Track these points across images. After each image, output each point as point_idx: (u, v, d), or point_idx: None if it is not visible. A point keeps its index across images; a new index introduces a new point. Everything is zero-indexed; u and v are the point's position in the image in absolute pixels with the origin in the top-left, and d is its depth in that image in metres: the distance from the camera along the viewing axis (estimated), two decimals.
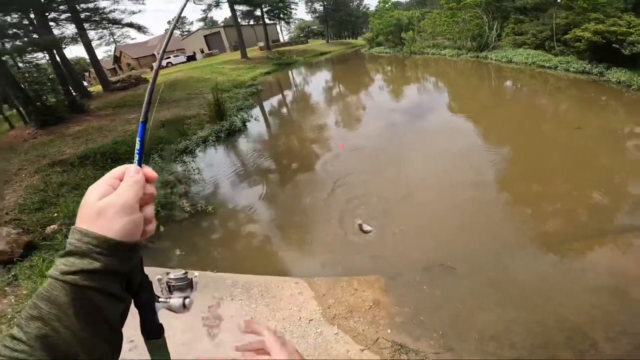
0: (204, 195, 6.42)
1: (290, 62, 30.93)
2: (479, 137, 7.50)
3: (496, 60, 17.58)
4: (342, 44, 47.94)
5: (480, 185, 5.23)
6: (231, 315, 3.18)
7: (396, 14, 29.57)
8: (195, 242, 4.93)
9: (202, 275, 3.74)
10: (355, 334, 2.96)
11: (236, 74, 22.90)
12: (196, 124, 10.84)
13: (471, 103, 11.36)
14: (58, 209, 5.77)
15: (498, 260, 3.78)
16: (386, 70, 22.35)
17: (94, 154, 7.82)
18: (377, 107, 11.73)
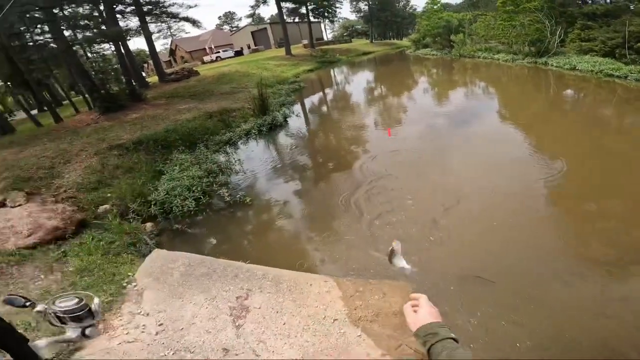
0: (243, 186, 6.66)
1: (333, 61, 31.01)
2: (531, 148, 6.92)
3: (557, 67, 16.25)
4: (386, 45, 47.10)
5: (527, 198, 4.88)
6: (257, 307, 3.28)
7: (445, 16, 28.48)
8: (231, 232, 5.14)
9: (234, 265, 3.90)
10: (378, 338, 2.91)
11: (280, 70, 23.45)
12: (240, 117, 11.28)
13: (525, 111, 10.55)
14: (111, 189, 6.25)
15: (541, 277, 3.53)
16: (432, 73, 21.60)
17: (147, 140, 8.43)
18: (419, 110, 11.37)
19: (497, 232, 4.34)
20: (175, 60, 48.67)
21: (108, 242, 4.56)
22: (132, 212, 5.54)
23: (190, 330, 3.01)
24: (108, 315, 3.24)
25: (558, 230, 4.28)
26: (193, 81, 18.94)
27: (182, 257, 4.01)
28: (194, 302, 3.34)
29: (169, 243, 4.86)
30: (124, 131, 9.37)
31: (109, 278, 3.74)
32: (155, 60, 20.84)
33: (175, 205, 5.60)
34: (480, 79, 17.33)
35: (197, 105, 12.64)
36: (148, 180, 6.60)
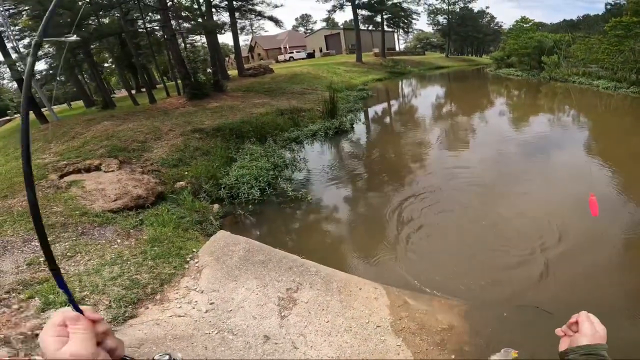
0: (306, 183, 6.87)
1: (403, 72, 30.44)
2: (618, 189, 6.04)
3: None
4: (463, 60, 44.77)
5: (601, 241, 4.34)
6: (305, 302, 3.39)
7: (538, 35, 26.10)
8: (289, 225, 5.37)
9: (289, 257, 4.06)
10: (417, 351, 2.85)
11: (349, 76, 23.70)
12: (308, 117, 11.69)
13: (618, 146, 9.07)
14: (189, 168, 6.89)
15: (606, 318, 3.08)
16: (512, 95, 19.94)
17: (225, 128, 9.20)
18: (489, 133, 10.51)
19: (564, 266, 3.89)
20: (253, 57, 51.96)
21: (179, 217, 4.95)
22: (204, 192, 6.05)
23: (238, 313, 3.17)
24: (167, 286, 3.49)
25: None
26: (268, 78, 20.06)
27: (243, 241, 4.29)
28: (246, 286, 3.53)
29: (231, 226, 5.21)
30: (206, 117, 10.33)
31: (175, 251, 4.02)
32: (237, 55, 22.51)
33: (243, 191, 6.00)
34: (570, 106, 15.46)
35: (270, 102, 13.39)
36: (221, 165, 7.18)
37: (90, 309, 0.54)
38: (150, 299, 3.31)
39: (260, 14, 21.98)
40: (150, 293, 3.37)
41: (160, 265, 3.76)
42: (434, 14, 46.09)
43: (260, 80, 18.93)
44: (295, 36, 53.73)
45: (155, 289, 3.43)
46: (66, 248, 4.08)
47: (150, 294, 3.35)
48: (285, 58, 42.19)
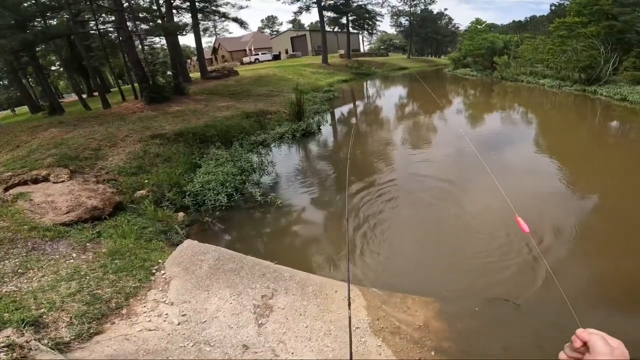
0: (275, 188, 6.75)
1: (368, 73, 31.11)
2: (564, 183, 6.56)
3: (607, 96, 15.33)
4: (424, 61, 46.67)
5: (558, 234, 4.63)
6: (282, 308, 3.28)
7: (491, 37, 27.80)
8: (260, 231, 5.21)
9: (262, 264, 3.93)
10: (397, 350, 2.88)
11: (315, 77, 23.81)
12: (275, 120, 11.52)
13: (564, 141, 9.96)
14: (149, 176, 6.52)
15: (566, 307, 3.31)
16: (468, 94, 21.08)
17: (187, 133, 8.79)
18: (449, 131, 11.08)
19: (521, 260, 4.12)
20: (216, 59, 50.71)
21: (141, 227, 4.69)
22: (167, 200, 5.73)
23: (213, 324, 3.03)
24: (133, 300, 3.28)
25: (588, 266, 4.07)
26: (232, 80, 19.61)
27: (213, 250, 4.09)
28: (219, 296, 3.38)
29: (199, 235, 4.98)
30: (166, 122, 9.82)
31: (139, 263, 3.80)
32: (200, 57, 21.79)
33: (209, 198, 5.76)
34: (520, 104, 16.65)
35: (235, 104, 13.05)
36: (185, 171, 6.85)
37: None
38: (116, 313, 3.11)
39: (225, 16, 21.47)
40: (115, 308, 3.15)
41: (124, 278, 3.53)
42: (397, 15, 47.82)
43: (224, 83, 18.45)
44: (260, 38, 53.16)
45: (120, 304, 3.21)
46: (16, 265, 3.73)
47: (115, 309, 3.14)
48: (250, 60, 41.62)
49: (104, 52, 14.02)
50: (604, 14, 17.51)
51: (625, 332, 3.19)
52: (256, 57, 41.94)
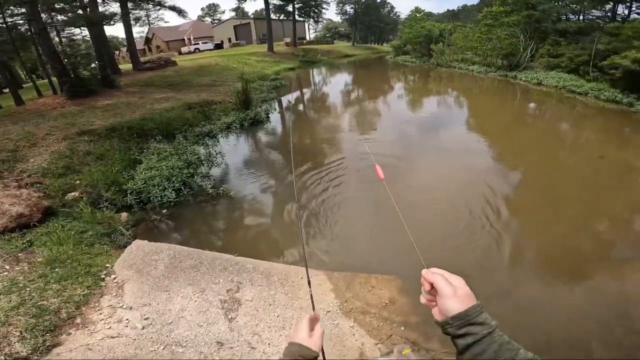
0: (226, 179, 6.47)
1: (314, 61, 31.00)
2: (493, 158, 7.35)
3: (525, 81, 17.20)
4: (368, 49, 47.84)
5: (490, 206, 5.16)
6: (250, 300, 3.17)
7: (428, 25, 29.34)
8: (215, 224, 4.95)
9: (222, 257, 3.75)
10: (370, 329, 2.98)
11: (261, 66, 23.10)
12: (221, 110, 10.95)
13: (491, 122, 11.17)
14: (81, 176, 5.82)
15: (508, 274, 3.81)
16: (408, 80, 22.19)
17: (121, 127, 7.94)
18: (392, 116, 11.72)
19: (464, 234, 4.53)
20: (150, 49, 46.59)
21: (79, 232, 4.22)
22: (105, 201, 5.18)
23: (180, 324, 2.86)
24: (85, 308, 2.99)
25: (518, 232, 4.58)
26: (170, 71, 18.18)
27: (166, 248, 3.79)
28: (181, 295, 3.17)
29: (148, 234, 4.59)
30: (95, 117, 8.77)
31: (83, 270, 3.45)
32: (131, 48, 19.78)
33: (154, 195, 5.32)
34: (453, 89, 18.02)
35: (175, 96, 12.13)
36: (123, 169, 6.23)
37: None
38: (70, 323, 2.84)
39: (160, 4, 19.63)
40: (66, 318, 2.87)
41: (69, 287, 3.20)
42: (342, 3, 48.08)
43: (161, 74, 17.02)
44: (200, 27, 49.82)
45: (71, 313, 2.92)
46: None
47: (67, 319, 2.87)
48: (190, 50, 38.86)
49: (13, 46, 11.98)
50: (524, 4, 19.34)
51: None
52: (196, 47, 39.27)
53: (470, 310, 0.64)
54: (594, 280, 3.75)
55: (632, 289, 3.56)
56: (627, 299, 3.42)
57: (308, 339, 0.87)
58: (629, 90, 12.02)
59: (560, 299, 3.45)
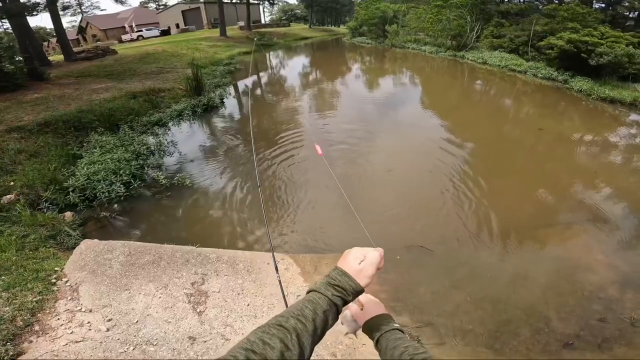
0: (180, 168, 6.15)
1: (270, 44, 30.00)
2: (445, 133, 7.80)
3: (472, 60, 18.12)
4: (325, 31, 47.23)
5: (446, 179, 5.48)
6: (217, 291, 3.08)
7: (382, 6, 29.49)
8: (172, 216, 4.70)
9: (183, 250, 3.58)
10: None
11: (213, 51, 21.89)
12: (170, 97, 10.26)
13: (442, 99, 11.80)
14: (15, 177, 5.23)
15: (466, 245, 4.06)
16: (365, 61, 22.37)
17: (55, 121, 7.14)
18: (350, 96, 11.83)
19: (421, 206, 4.77)
20: (85, 39, 42.09)
21: (21, 236, 3.83)
22: (45, 201, 4.70)
23: (147, 323, 2.72)
24: (41, 315, 2.77)
25: (472, 203, 4.90)
26: (109, 60, 16.58)
27: (120, 245, 3.53)
28: (143, 292, 2.99)
29: (97, 232, 4.27)
30: (24, 112, 7.79)
31: (31, 275, 3.16)
32: (61, 38, 17.65)
33: (100, 191, 4.90)
34: (407, 69, 18.55)
35: (117, 85, 11.13)
36: (61, 165, 5.66)
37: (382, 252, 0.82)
38: (28, 331, 2.66)
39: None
40: (23, 326, 2.68)
41: (19, 294, 2.95)
42: None
43: (99, 64, 15.46)
44: (143, 13, 45.70)
45: (27, 321, 2.72)
46: None
47: (24, 327, 2.67)
48: (132, 37, 35.65)
49: None
50: None
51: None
52: (139, 34, 36.10)
53: (376, 317, 0.90)
54: (543, 246, 4.10)
55: (574, 254, 3.93)
56: (574, 264, 3.77)
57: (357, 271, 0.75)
58: (564, 68, 13.16)
59: (513, 267, 3.74)
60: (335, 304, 0.68)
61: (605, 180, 5.59)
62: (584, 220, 4.53)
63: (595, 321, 3.08)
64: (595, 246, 4.07)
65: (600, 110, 9.95)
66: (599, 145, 7.35)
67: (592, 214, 4.66)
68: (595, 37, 12.12)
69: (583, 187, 5.44)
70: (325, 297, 0.68)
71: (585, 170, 6.02)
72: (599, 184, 5.50)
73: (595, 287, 3.45)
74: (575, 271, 3.67)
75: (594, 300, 3.32)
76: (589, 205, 4.85)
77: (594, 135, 7.92)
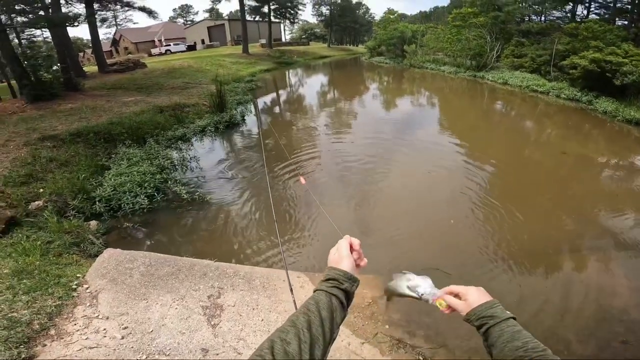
0: (201, 183, 6.29)
1: (290, 62, 30.93)
2: (464, 156, 7.66)
3: (492, 80, 17.99)
4: (343, 50, 48.33)
5: (466, 203, 5.40)
6: (232, 305, 3.10)
7: (401, 27, 29.99)
8: (192, 230, 4.80)
9: (201, 263, 3.64)
10: (355, 328, 3.00)
11: (236, 68, 22.75)
12: (194, 113, 10.65)
13: (461, 122, 11.65)
14: (45, 184, 5.48)
15: (486, 270, 3.97)
16: (383, 80, 22.60)
17: (87, 132, 7.53)
18: (367, 117, 11.89)
19: (438, 231, 4.75)
20: (118, 51, 44.68)
21: (46, 242, 3.98)
22: (72, 209, 4.90)
23: (161, 332, 2.76)
24: (59, 319, 2.84)
25: (492, 228, 4.81)
26: (139, 73, 17.50)
27: (141, 256, 3.63)
28: (160, 302, 3.05)
29: (120, 242, 4.39)
30: (58, 121, 8.28)
31: (53, 280, 3.26)
32: (96, 50, 18.85)
33: (125, 202, 5.09)
34: (426, 89, 18.59)
35: (145, 99, 11.69)
36: (90, 175, 5.92)
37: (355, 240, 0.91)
38: (44, 335, 2.71)
39: (129, 5, 18.76)
40: (39, 329, 2.73)
41: (40, 298, 3.04)
42: (318, 5, 48.18)
43: (130, 77, 16.36)
44: (172, 28, 48.34)
45: (44, 324, 2.78)
46: None
47: (40, 330, 2.73)
48: (160, 51, 37.61)
49: None
50: (491, 5, 20.21)
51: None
52: (167, 48, 38.07)
53: (484, 304, 0.83)
54: (564, 270, 3.99)
55: (598, 278, 3.82)
56: (596, 288, 3.65)
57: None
58: (588, 89, 12.77)
59: (532, 291, 3.64)
60: (333, 294, 0.75)
61: (628, 206, 5.41)
62: (607, 246, 4.42)
63: (617, 343, 3.02)
64: (618, 271, 3.97)
65: (626, 132, 9.63)
66: (625, 170, 7.08)
67: (615, 239, 4.54)
68: (619, 55, 11.79)
69: (606, 212, 5.29)
70: (322, 290, 0.76)
71: (609, 196, 5.84)
72: (622, 209, 5.33)
73: (617, 311, 3.37)
74: (597, 295, 3.58)
75: (616, 322, 3.24)
76: (612, 231, 4.71)
77: (619, 160, 7.64)
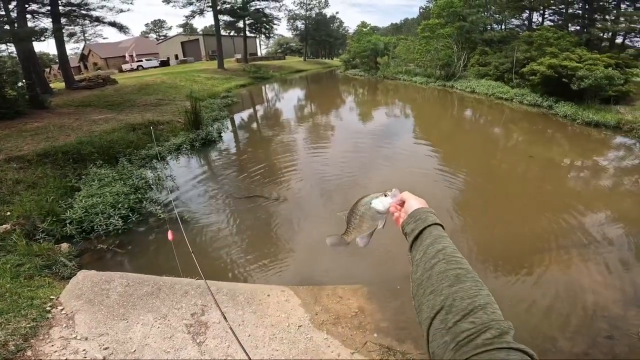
0: (178, 202, 6.14)
1: (266, 77, 31.10)
2: (438, 162, 8.02)
3: (461, 89, 18.90)
4: (319, 63, 49.24)
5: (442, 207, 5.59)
6: (217, 322, 3.03)
7: (374, 39, 30.98)
8: (170, 249, 4.63)
9: (182, 282, 3.55)
10: (344, 339, 3.00)
11: (211, 83, 22.61)
12: (169, 130, 10.44)
13: (434, 130, 12.19)
14: (12, 207, 5.20)
15: None
16: (358, 93, 23.17)
17: (55, 152, 7.21)
18: (345, 129, 12.15)
19: None
20: (87, 67, 43.28)
21: (15, 265, 3.83)
22: (42, 232, 4.67)
23: (145, 352, 2.68)
24: (35, 341, 2.75)
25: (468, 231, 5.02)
26: (110, 90, 17.00)
27: (118, 277, 3.49)
28: (142, 322, 2.95)
29: (95, 263, 4.22)
30: (24, 141, 7.87)
31: (26, 302, 3.16)
32: (64, 65, 18.17)
33: (98, 223, 4.89)
34: (400, 100, 19.26)
35: (116, 117, 11.34)
36: (59, 197, 5.67)
37: None
38: (20, 356, 2.64)
39: (99, 20, 18.25)
40: (16, 351, 2.66)
41: (13, 320, 2.95)
42: (293, 19, 49.02)
43: (99, 93, 15.84)
44: (144, 43, 47.40)
45: (20, 346, 2.70)
46: None
47: (16, 352, 2.66)
48: (132, 67, 36.68)
49: None
50: (457, 16, 21.27)
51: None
52: (139, 64, 37.25)
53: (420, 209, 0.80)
54: (541, 270, 4.15)
55: (574, 276, 4.01)
56: (572, 286, 3.83)
57: None
58: (548, 94, 13.61)
59: (513, 292, 3.78)
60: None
61: (596, 204, 5.78)
62: (579, 244, 4.63)
63: (602, 339, 3.12)
64: (593, 268, 4.15)
65: (587, 134, 10.34)
66: (589, 170, 7.60)
67: (586, 237, 4.78)
68: (573, 60, 12.56)
69: (576, 212, 5.57)
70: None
71: (576, 195, 6.20)
72: (590, 207, 5.67)
73: (598, 307, 3.51)
74: (576, 293, 3.73)
75: (599, 319, 3.36)
76: (583, 229, 4.97)
77: (582, 160, 8.20)
